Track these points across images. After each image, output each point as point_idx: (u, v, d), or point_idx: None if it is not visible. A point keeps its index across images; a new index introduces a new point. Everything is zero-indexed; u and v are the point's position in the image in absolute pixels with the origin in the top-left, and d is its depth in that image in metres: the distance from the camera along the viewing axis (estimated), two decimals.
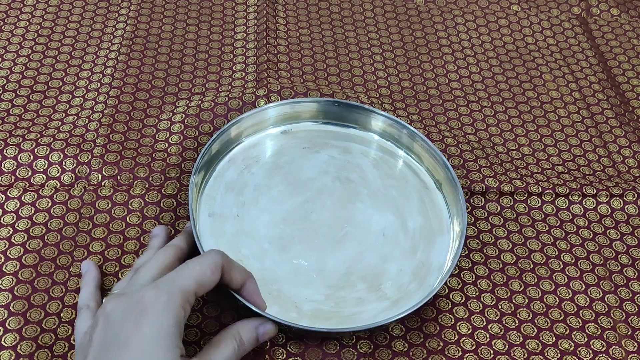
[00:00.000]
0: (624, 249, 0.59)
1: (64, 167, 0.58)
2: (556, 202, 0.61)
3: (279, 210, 0.57)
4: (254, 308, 0.48)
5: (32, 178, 0.57)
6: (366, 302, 0.52)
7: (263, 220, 0.56)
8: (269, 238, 0.55)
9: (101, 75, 0.67)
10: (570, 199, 0.61)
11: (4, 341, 0.48)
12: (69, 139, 0.60)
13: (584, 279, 0.56)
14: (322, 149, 0.61)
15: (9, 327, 0.49)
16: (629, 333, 0.53)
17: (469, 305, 0.54)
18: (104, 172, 0.58)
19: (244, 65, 0.69)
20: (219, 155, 0.59)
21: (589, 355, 0.52)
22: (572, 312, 0.54)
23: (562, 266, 0.57)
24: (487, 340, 0.52)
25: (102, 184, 0.58)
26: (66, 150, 0.59)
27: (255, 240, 0.55)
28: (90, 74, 0.67)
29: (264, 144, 0.61)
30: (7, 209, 0.55)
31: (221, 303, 0.52)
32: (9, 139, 0.59)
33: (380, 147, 0.62)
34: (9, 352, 0.48)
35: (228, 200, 0.57)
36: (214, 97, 0.65)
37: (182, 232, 0.52)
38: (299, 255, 0.54)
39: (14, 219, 0.55)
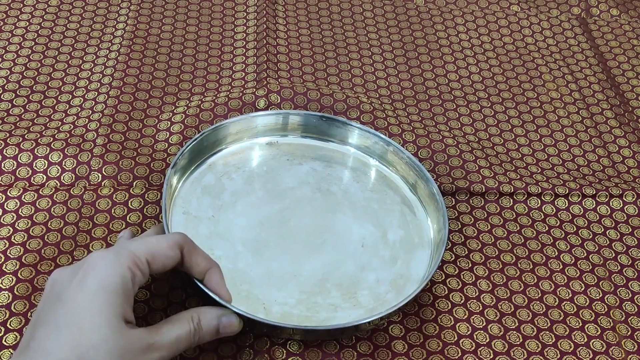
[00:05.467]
0: (624, 250, 0.59)
1: (64, 166, 0.58)
2: (556, 203, 0.61)
3: (256, 215, 0.55)
4: (217, 299, 0.46)
5: (32, 178, 0.57)
6: (339, 309, 0.51)
7: (239, 224, 0.55)
8: (243, 240, 0.54)
9: (101, 75, 0.67)
10: (570, 199, 0.61)
11: (5, 340, 0.48)
12: (69, 139, 0.60)
13: (584, 279, 0.56)
14: (304, 162, 0.60)
15: (10, 327, 0.49)
16: (628, 333, 0.53)
17: (468, 306, 0.54)
18: (104, 172, 0.58)
19: (244, 65, 0.69)
20: (197, 160, 0.58)
21: (589, 355, 0.52)
22: (572, 312, 0.54)
23: (561, 266, 0.57)
24: (487, 340, 0.52)
25: (102, 183, 0.58)
26: (66, 150, 0.59)
27: (229, 242, 0.53)
28: (90, 74, 0.67)
29: (245, 153, 0.60)
30: (7, 208, 0.55)
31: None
32: (9, 139, 0.59)
33: (363, 162, 0.60)
34: (10, 351, 0.48)
35: (204, 202, 0.56)
36: (214, 97, 0.65)
37: (152, 227, 0.51)
38: (273, 258, 0.53)
39: (14, 219, 0.55)
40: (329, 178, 0.59)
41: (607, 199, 0.61)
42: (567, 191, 0.61)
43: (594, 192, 0.61)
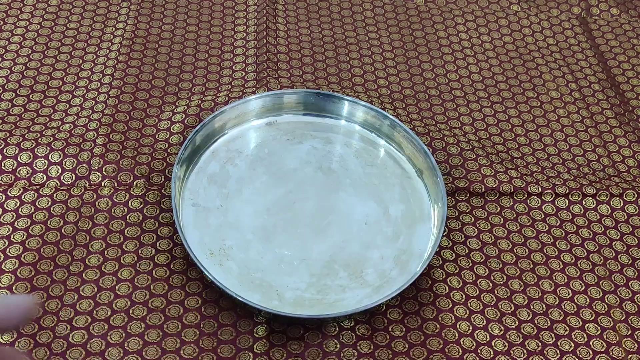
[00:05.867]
0: (624, 249, 0.58)
1: (64, 166, 0.58)
2: (556, 202, 0.60)
3: (262, 201, 0.57)
4: (249, 302, 0.49)
5: (32, 177, 0.57)
6: (348, 290, 0.53)
7: (247, 211, 0.56)
8: (252, 228, 0.55)
9: (101, 75, 0.67)
10: (570, 198, 0.61)
11: (2, 337, 0.48)
12: (69, 139, 0.60)
13: (584, 278, 0.56)
14: (304, 140, 0.61)
15: None
16: (628, 333, 0.53)
17: (469, 305, 0.54)
18: (104, 172, 0.58)
19: (244, 65, 0.69)
20: (201, 149, 0.59)
21: (589, 354, 0.52)
22: (572, 311, 0.54)
23: (562, 266, 0.57)
24: (487, 339, 0.52)
25: (102, 183, 0.58)
26: (66, 149, 0.59)
27: (239, 231, 0.55)
28: (90, 73, 0.67)
29: (246, 136, 0.61)
30: (7, 207, 0.55)
31: (219, 302, 0.52)
32: (9, 139, 0.59)
33: (361, 137, 0.62)
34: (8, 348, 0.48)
35: (211, 192, 0.57)
36: (214, 97, 0.65)
37: None
38: (282, 244, 0.55)
39: (14, 218, 0.55)
40: (329, 155, 0.61)
41: (607, 198, 0.61)
42: (568, 190, 0.61)
43: (594, 192, 0.61)
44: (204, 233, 0.54)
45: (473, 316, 0.53)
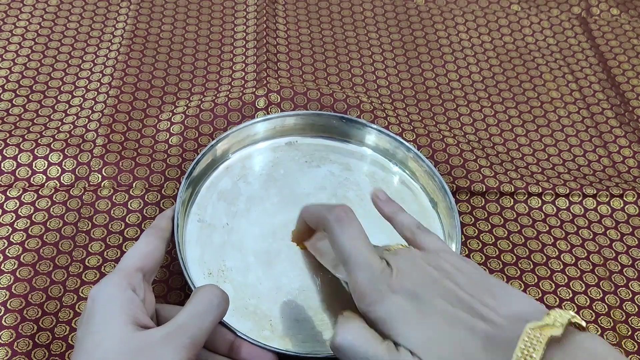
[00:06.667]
0: (624, 249, 0.58)
1: (64, 167, 0.58)
2: (556, 203, 0.60)
3: (269, 224, 0.55)
4: (232, 328, 0.46)
5: (31, 178, 0.57)
6: None
7: (252, 233, 0.54)
8: (255, 251, 0.53)
9: (101, 75, 0.67)
10: (571, 199, 0.61)
11: (1, 338, 0.48)
12: (69, 139, 0.60)
13: (584, 279, 0.56)
14: (322, 164, 0.59)
15: (4, 324, 0.49)
16: (629, 333, 0.53)
17: None
18: (103, 173, 0.58)
19: (244, 65, 0.69)
20: (215, 163, 0.58)
21: None
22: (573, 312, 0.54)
23: (562, 266, 0.57)
24: None
25: (102, 184, 0.58)
26: (66, 150, 0.59)
27: (241, 253, 0.53)
28: (89, 73, 0.67)
29: (264, 154, 0.59)
30: (6, 208, 0.55)
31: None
32: (8, 139, 0.59)
33: (382, 166, 0.60)
34: (6, 349, 0.48)
35: (219, 208, 0.55)
36: (214, 98, 0.65)
37: (163, 213, 0.51)
38: (283, 272, 0.52)
39: (13, 218, 0.55)
40: (346, 183, 0.58)
41: (607, 199, 0.61)
42: (568, 191, 0.61)
43: (595, 192, 0.61)
44: (205, 250, 0.52)
45: None
